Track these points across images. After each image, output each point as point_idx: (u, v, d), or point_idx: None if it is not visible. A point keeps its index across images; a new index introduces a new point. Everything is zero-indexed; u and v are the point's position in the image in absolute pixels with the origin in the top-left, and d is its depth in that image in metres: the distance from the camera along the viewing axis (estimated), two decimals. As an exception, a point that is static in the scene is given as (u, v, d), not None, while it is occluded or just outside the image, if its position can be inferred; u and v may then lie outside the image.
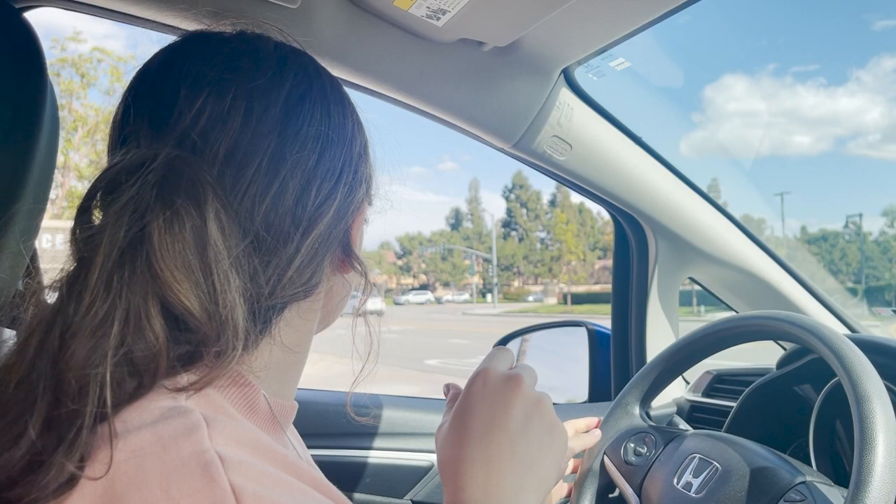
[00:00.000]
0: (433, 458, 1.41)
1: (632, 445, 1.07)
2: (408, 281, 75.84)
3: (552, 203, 69.14)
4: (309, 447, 1.32)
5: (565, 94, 1.17)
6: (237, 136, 0.52)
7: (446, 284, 73.16)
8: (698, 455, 0.96)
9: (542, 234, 70.16)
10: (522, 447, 0.58)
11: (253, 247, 0.51)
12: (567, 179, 1.33)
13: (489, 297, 59.17)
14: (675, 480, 0.96)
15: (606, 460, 1.09)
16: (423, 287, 71.31)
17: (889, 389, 0.77)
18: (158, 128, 0.51)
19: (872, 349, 0.85)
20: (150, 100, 0.53)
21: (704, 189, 1.42)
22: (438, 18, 0.94)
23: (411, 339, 20.19)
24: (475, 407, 0.60)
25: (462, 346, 17.55)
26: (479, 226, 72.21)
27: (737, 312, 1.65)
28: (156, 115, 0.52)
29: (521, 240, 70.85)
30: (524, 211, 70.24)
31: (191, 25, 0.87)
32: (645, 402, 1.12)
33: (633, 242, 1.52)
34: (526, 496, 0.57)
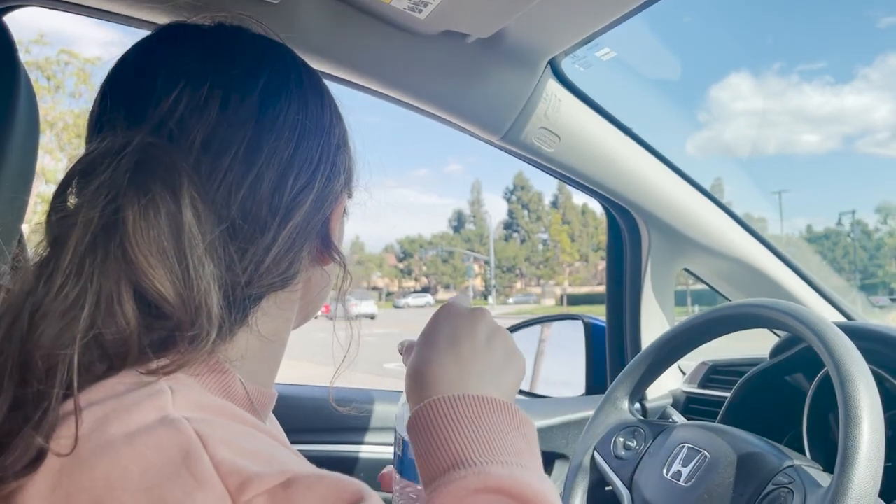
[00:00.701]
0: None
1: (621, 440, 1.07)
2: (409, 284, 75.87)
3: (554, 204, 69.14)
4: (302, 442, 1.33)
5: (552, 86, 1.17)
6: (214, 125, 0.52)
7: (447, 287, 73.16)
8: (687, 445, 0.96)
9: (545, 236, 70.13)
10: (488, 358, 0.58)
11: (229, 235, 0.51)
12: (557, 172, 1.32)
13: (490, 298, 59.07)
14: (665, 471, 0.96)
15: (596, 456, 1.09)
16: (425, 290, 71.24)
17: (874, 373, 0.77)
18: (135, 116, 0.52)
19: (857, 334, 0.85)
20: (126, 89, 0.54)
21: (708, 188, 1.42)
22: (420, 11, 0.94)
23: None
24: (441, 326, 0.60)
25: None
26: (481, 228, 72.18)
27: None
28: (132, 104, 0.53)
29: (522, 241, 70.82)
30: (525, 212, 70.22)
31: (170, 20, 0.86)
32: (634, 396, 1.12)
33: (626, 234, 1.52)
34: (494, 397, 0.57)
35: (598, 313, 1.78)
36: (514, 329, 1.87)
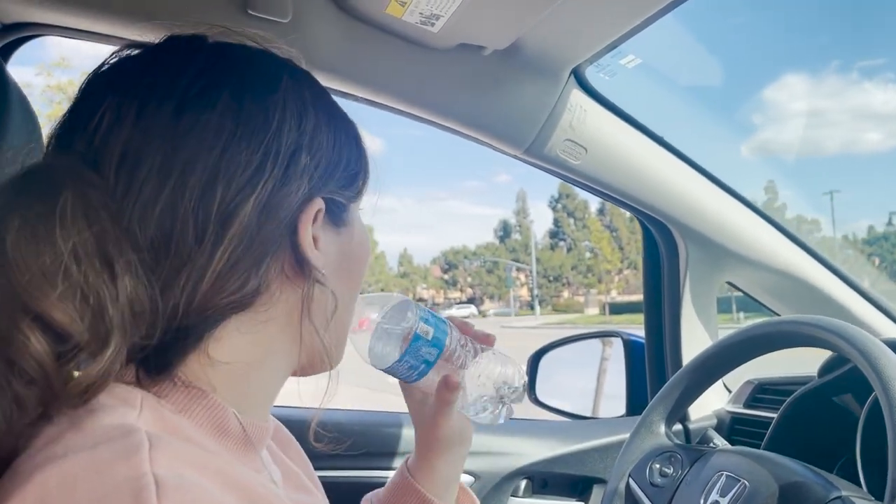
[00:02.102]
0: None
1: (657, 466, 1.01)
2: (454, 295, 75.89)
3: (601, 211, 68.40)
4: (332, 468, 1.31)
5: (576, 96, 1.12)
6: (129, 136, 0.48)
7: (492, 297, 72.91)
8: (725, 473, 0.90)
9: (592, 244, 69.37)
10: None
11: (155, 254, 0.47)
12: (586, 185, 1.28)
13: (536, 309, 58.64)
14: (702, 500, 0.90)
15: (632, 482, 1.03)
16: (470, 301, 71.13)
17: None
18: (64, 140, 0.51)
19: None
20: (65, 116, 0.52)
21: (761, 190, 1.35)
22: (433, 24, 0.91)
23: None
24: None
25: None
26: (527, 237, 71.82)
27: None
28: (64, 129, 0.51)
29: (569, 250, 70.17)
30: (571, 220, 69.62)
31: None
32: (671, 419, 1.06)
33: (662, 247, 1.46)
34: None
35: (641, 322, 1.71)
36: (550, 347, 1.82)
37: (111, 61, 0.54)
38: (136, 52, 0.54)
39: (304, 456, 0.73)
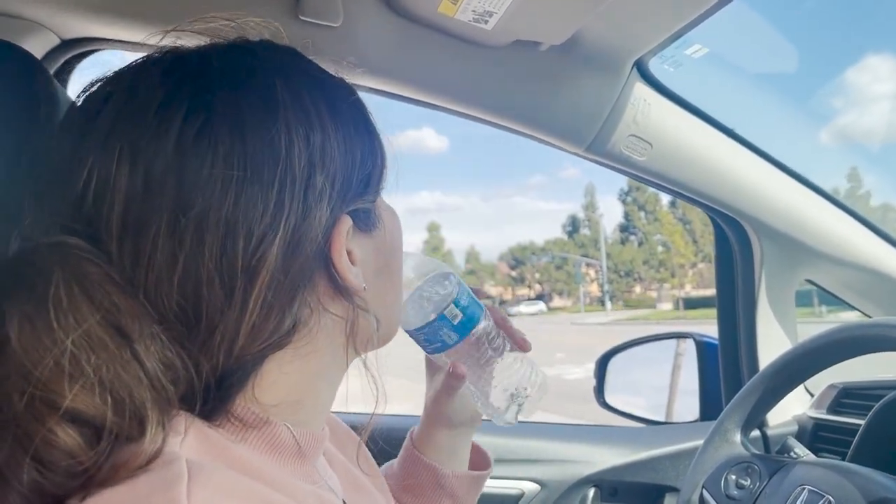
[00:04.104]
0: (523, 486, 1.34)
1: (733, 477, 0.96)
2: (523, 291, 75.42)
3: (672, 204, 66.62)
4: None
5: (640, 89, 1.08)
6: (125, 204, 0.43)
7: (561, 293, 72.08)
8: (808, 487, 0.84)
9: (664, 237, 67.65)
10: None
11: (185, 321, 0.44)
12: (653, 181, 1.23)
13: (607, 304, 57.60)
14: (783, 518, 0.84)
15: (706, 494, 0.98)
16: (539, 297, 70.54)
17: None
18: (50, 207, 0.46)
19: None
20: (48, 174, 0.47)
21: (843, 178, 1.27)
22: (486, 21, 0.89)
23: None
24: None
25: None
26: (596, 232, 70.67)
27: (867, 316, 1.47)
28: (49, 193, 0.46)
29: (640, 244, 68.67)
30: (642, 214, 68.11)
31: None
32: (748, 426, 1.01)
33: (735, 245, 1.39)
34: None
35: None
36: (619, 349, 1.76)
37: (84, 96, 0.49)
38: (107, 84, 0.48)
39: (364, 449, 0.71)
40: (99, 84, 0.49)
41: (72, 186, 0.44)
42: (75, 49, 0.93)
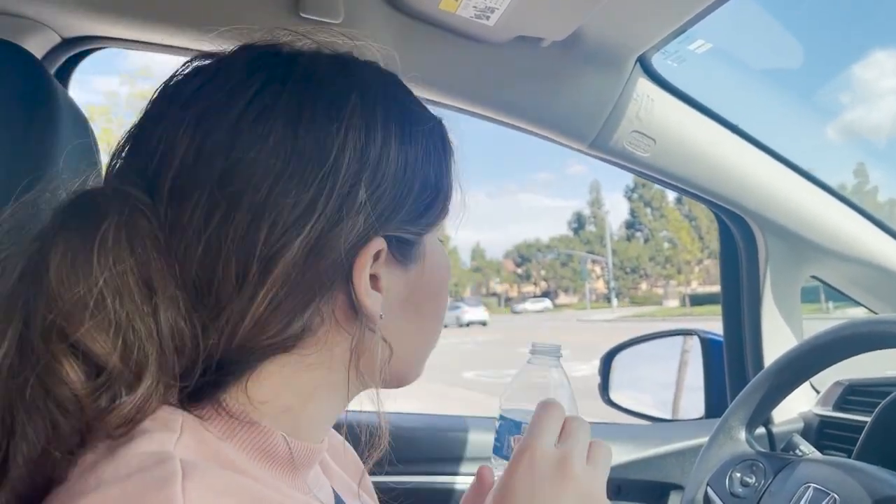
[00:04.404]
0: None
1: (738, 475, 0.95)
2: (528, 288, 75.33)
3: (679, 200, 66.39)
4: (396, 473, 1.30)
5: (643, 85, 1.07)
6: (179, 168, 0.46)
7: (566, 290, 71.96)
8: (813, 485, 0.83)
9: (671, 234, 67.46)
10: None
11: (196, 290, 0.45)
12: (657, 177, 1.22)
13: (614, 301, 57.46)
14: (788, 516, 0.84)
15: (710, 492, 0.98)
16: (545, 294, 70.42)
17: None
18: (126, 165, 0.49)
19: None
20: (126, 139, 0.51)
21: (850, 173, 1.26)
22: (488, 17, 0.88)
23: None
24: (518, 494, 0.51)
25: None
26: (602, 229, 70.52)
27: (873, 312, 1.46)
28: (126, 153, 0.50)
29: (646, 241, 68.51)
30: (648, 210, 67.95)
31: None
32: (752, 424, 1.00)
33: (740, 241, 1.38)
34: None
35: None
36: (624, 346, 1.75)
37: (176, 78, 0.52)
38: (200, 66, 0.51)
39: (359, 463, 0.70)
40: (195, 61, 0.52)
41: (147, 145, 0.48)
42: (76, 48, 0.93)
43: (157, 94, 0.51)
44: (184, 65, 0.52)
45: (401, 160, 0.50)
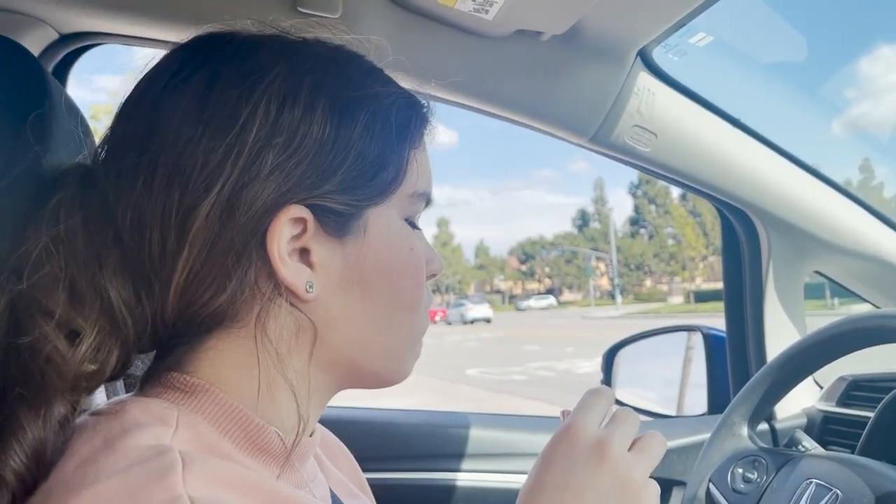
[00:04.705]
0: (529, 479, 1.33)
1: (740, 471, 0.95)
2: (532, 286, 75.29)
3: (683, 197, 66.20)
4: (395, 470, 1.30)
5: (644, 79, 1.06)
6: (122, 133, 0.50)
7: (571, 287, 71.89)
8: (815, 481, 0.83)
9: (675, 231, 67.32)
10: None
11: (132, 258, 0.47)
12: (658, 172, 1.21)
13: (619, 298, 57.36)
14: (790, 512, 0.83)
15: (712, 488, 0.97)
16: (549, 291, 70.38)
17: None
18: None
19: None
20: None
21: (855, 169, 1.25)
22: (487, 11, 0.88)
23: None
24: (556, 462, 0.52)
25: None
26: (606, 225, 70.36)
27: (877, 307, 1.45)
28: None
29: (650, 237, 68.40)
30: (652, 207, 67.80)
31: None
32: (754, 419, 1.00)
33: (742, 236, 1.37)
34: None
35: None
36: (626, 342, 1.75)
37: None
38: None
39: (354, 465, 0.71)
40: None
41: (114, 127, 0.52)
42: (74, 44, 0.93)
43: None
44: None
45: (329, 131, 0.49)
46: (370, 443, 1.28)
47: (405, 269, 0.54)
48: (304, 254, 0.50)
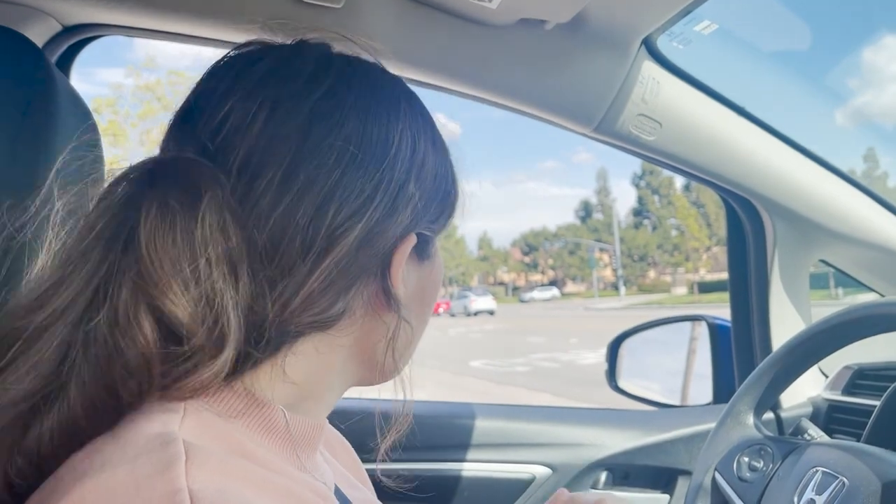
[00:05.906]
0: (534, 469, 1.33)
1: (746, 459, 0.95)
2: (536, 277, 75.24)
3: (686, 188, 66.02)
4: (400, 460, 1.30)
5: (648, 67, 1.06)
6: (253, 145, 0.48)
7: (574, 279, 71.82)
8: (821, 469, 0.83)
9: (678, 221, 67.14)
10: None
11: (259, 263, 0.47)
12: (663, 161, 1.21)
13: (622, 289, 57.31)
14: (796, 499, 0.83)
15: (718, 476, 0.97)
16: (552, 283, 70.34)
17: None
18: (184, 135, 0.51)
19: None
20: (186, 109, 0.53)
21: (860, 158, 1.25)
22: (490, 0, 0.87)
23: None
24: None
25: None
26: (609, 217, 70.19)
27: (882, 296, 1.45)
28: (184, 123, 0.52)
29: (654, 228, 68.24)
30: (656, 198, 67.62)
31: (241, 39, 0.85)
32: (760, 408, 0.99)
33: (748, 225, 1.37)
34: None
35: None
36: (631, 332, 1.75)
37: (234, 55, 0.54)
38: (264, 48, 0.54)
39: (355, 458, 0.73)
40: (251, 48, 0.54)
41: (210, 118, 0.49)
42: (77, 35, 0.93)
43: (215, 69, 0.54)
44: (238, 46, 0.55)
45: (435, 164, 0.55)
46: (369, 437, 1.28)
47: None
48: None
